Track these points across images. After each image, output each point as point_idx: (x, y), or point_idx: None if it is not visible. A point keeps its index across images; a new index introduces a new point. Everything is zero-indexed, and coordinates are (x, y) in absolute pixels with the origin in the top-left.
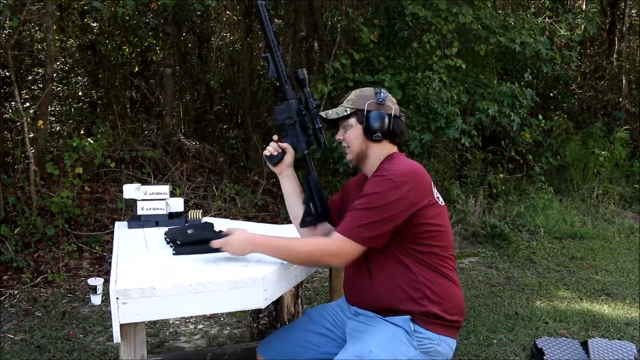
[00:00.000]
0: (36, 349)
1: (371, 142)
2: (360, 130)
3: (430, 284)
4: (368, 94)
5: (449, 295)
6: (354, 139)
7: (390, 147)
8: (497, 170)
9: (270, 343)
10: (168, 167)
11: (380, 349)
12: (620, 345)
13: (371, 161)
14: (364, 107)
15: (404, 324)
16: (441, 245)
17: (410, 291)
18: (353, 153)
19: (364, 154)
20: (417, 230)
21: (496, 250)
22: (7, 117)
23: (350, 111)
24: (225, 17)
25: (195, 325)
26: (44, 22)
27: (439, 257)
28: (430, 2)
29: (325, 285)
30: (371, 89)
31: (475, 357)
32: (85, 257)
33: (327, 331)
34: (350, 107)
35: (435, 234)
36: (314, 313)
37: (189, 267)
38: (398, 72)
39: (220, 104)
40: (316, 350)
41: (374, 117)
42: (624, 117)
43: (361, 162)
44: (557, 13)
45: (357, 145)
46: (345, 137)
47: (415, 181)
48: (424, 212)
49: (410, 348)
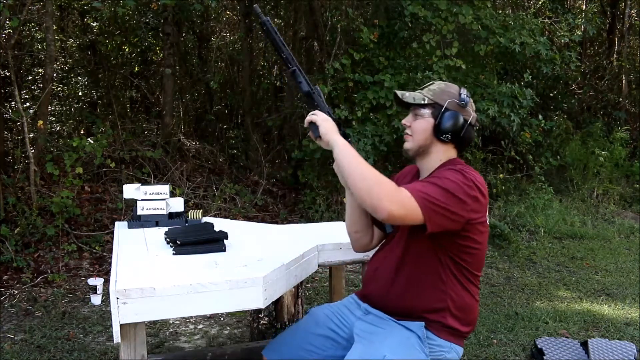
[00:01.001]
0: (36, 349)
1: (437, 141)
2: (431, 125)
3: (455, 298)
4: (452, 91)
5: (469, 311)
6: (422, 131)
7: (453, 152)
8: (497, 170)
9: (275, 345)
10: (168, 167)
11: (393, 354)
12: (620, 345)
13: (431, 160)
14: (444, 103)
15: (417, 329)
16: (476, 264)
17: (434, 301)
18: (414, 144)
19: (426, 150)
20: (462, 242)
21: (496, 250)
22: (7, 117)
23: (428, 102)
24: (225, 17)
25: (195, 325)
26: (44, 22)
27: (470, 273)
28: (430, 2)
29: (325, 285)
30: (456, 86)
31: (475, 357)
32: (85, 257)
33: (332, 333)
34: (430, 97)
35: (475, 251)
36: (318, 313)
37: (189, 267)
38: (398, 72)
39: (220, 104)
40: (322, 354)
41: (449, 117)
42: (624, 117)
43: (420, 156)
44: (556, 13)
45: (422, 138)
46: (412, 125)
47: (482, 193)
48: (476, 227)
49: (422, 354)
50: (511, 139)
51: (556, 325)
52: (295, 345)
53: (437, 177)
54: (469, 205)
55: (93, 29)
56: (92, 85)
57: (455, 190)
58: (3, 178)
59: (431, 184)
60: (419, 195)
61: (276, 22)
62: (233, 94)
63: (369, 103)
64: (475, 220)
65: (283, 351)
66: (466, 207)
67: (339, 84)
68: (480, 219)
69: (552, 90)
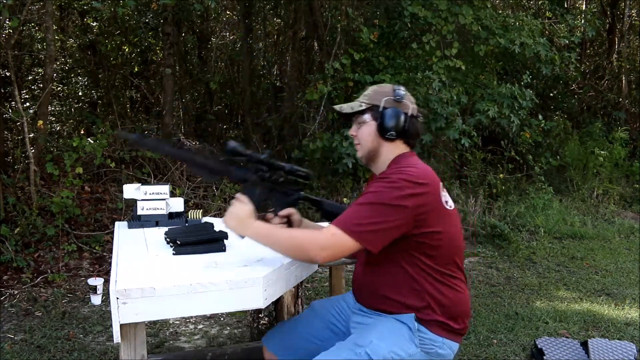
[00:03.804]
0: (36, 349)
1: (384, 141)
2: (374, 127)
3: (434, 293)
4: (386, 90)
5: (454, 304)
6: (367, 135)
7: (403, 147)
8: (497, 170)
9: (276, 334)
10: (168, 167)
11: (380, 340)
12: (620, 345)
13: (382, 160)
14: (381, 103)
15: (408, 321)
16: (445, 254)
17: (414, 300)
18: (364, 150)
19: (376, 152)
20: (421, 239)
21: (496, 250)
22: (7, 117)
23: (366, 106)
24: (225, 17)
25: (195, 325)
26: (44, 22)
27: (444, 265)
28: (430, 3)
29: (325, 285)
30: (390, 85)
31: (475, 357)
32: (85, 257)
33: (331, 325)
34: (366, 102)
35: (440, 241)
36: (318, 306)
37: (189, 267)
38: (398, 72)
39: (220, 104)
40: (319, 345)
41: (389, 114)
42: (624, 117)
43: (372, 160)
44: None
45: (369, 142)
46: (357, 134)
47: (421, 183)
48: (429, 218)
49: (411, 345)
50: (511, 139)
51: (556, 325)
52: (295, 334)
53: (363, 195)
54: (407, 205)
55: (93, 29)
56: (92, 85)
57: (383, 200)
58: (3, 178)
59: (357, 206)
60: (346, 226)
61: (276, 22)
62: (233, 94)
63: None
64: (424, 212)
65: (283, 339)
66: (404, 210)
67: (339, 84)
68: (431, 209)
69: (552, 90)
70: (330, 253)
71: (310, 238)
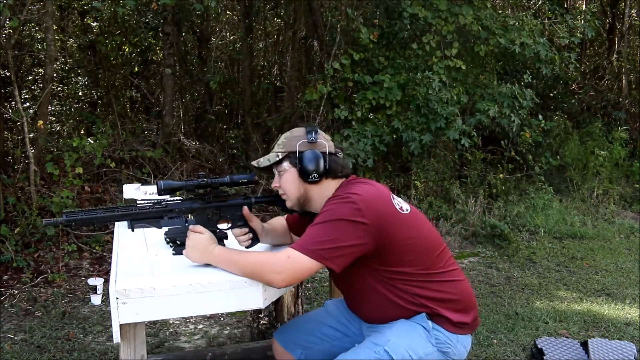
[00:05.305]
0: (36, 349)
1: (310, 185)
2: (295, 174)
3: (431, 294)
4: (298, 134)
5: (455, 295)
6: (290, 183)
7: (334, 183)
8: (497, 170)
9: (287, 329)
10: (168, 167)
11: (398, 338)
12: (620, 345)
13: (316, 200)
14: (296, 148)
15: (421, 321)
16: (422, 256)
17: (408, 313)
18: (292, 199)
19: (306, 197)
20: (387, 252)
21: (496, 250)
22: (7, 117)
23: (282, 155)
24: (225, 17)
25: (195, 325)
26: (44, 22)
27: (423, 268)
28: (430, 3)
29: (325, 285)
30: (302, 128)
31: (475, 357)
32: (85, 257)
33: (342, 327)
34: (282, 151)
35: (411, 245)
36: (332, 306)
37: (189, 267)
38: (398, 72)
39: (220, 104)
40: (330, 343)
41: (307, 157)
42: (624, 117)
43: (306, 205)
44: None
45: (294, 190)
46: (281, 184)
47: (371, 205)
48: (391, 231)
49: (428, 344)
50: (511, 139)
51: (556, 325)
52: (307, 330)
53: (321, 213)
54: (366, 221)
55: (93, 29)
56: (92, 85)
57: (340, 216)
58: (3, 178)
59: (313, 227)
60: (302, 247)
61: (276, 22)
62: (233, 94)
63: (369, 103)
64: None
65: (294, 335)
66: (363, 226)
67: (339, 84)
68: (389, 219)
69: (552, 90)
70: (287, 276)
71: (266, 263)
